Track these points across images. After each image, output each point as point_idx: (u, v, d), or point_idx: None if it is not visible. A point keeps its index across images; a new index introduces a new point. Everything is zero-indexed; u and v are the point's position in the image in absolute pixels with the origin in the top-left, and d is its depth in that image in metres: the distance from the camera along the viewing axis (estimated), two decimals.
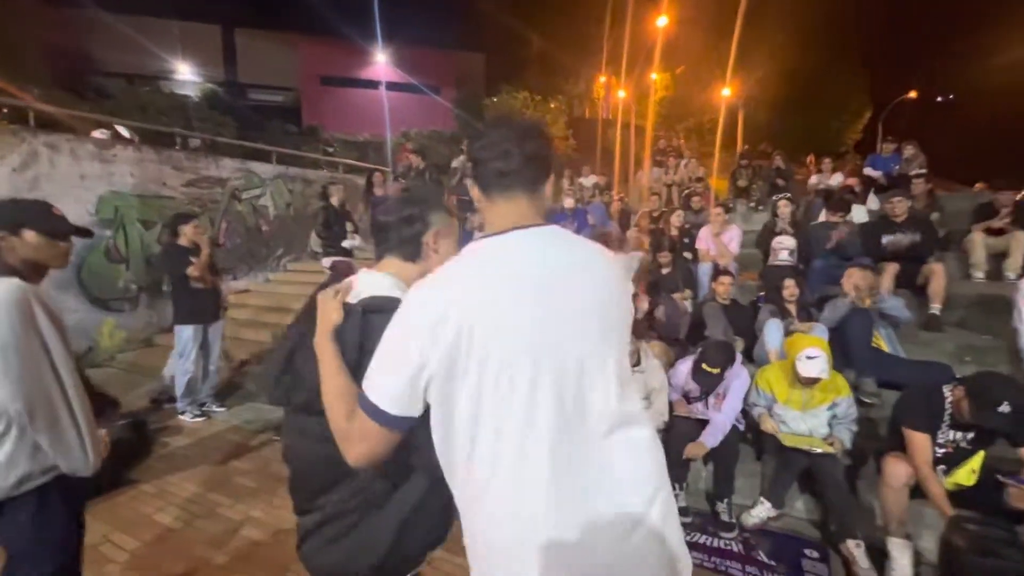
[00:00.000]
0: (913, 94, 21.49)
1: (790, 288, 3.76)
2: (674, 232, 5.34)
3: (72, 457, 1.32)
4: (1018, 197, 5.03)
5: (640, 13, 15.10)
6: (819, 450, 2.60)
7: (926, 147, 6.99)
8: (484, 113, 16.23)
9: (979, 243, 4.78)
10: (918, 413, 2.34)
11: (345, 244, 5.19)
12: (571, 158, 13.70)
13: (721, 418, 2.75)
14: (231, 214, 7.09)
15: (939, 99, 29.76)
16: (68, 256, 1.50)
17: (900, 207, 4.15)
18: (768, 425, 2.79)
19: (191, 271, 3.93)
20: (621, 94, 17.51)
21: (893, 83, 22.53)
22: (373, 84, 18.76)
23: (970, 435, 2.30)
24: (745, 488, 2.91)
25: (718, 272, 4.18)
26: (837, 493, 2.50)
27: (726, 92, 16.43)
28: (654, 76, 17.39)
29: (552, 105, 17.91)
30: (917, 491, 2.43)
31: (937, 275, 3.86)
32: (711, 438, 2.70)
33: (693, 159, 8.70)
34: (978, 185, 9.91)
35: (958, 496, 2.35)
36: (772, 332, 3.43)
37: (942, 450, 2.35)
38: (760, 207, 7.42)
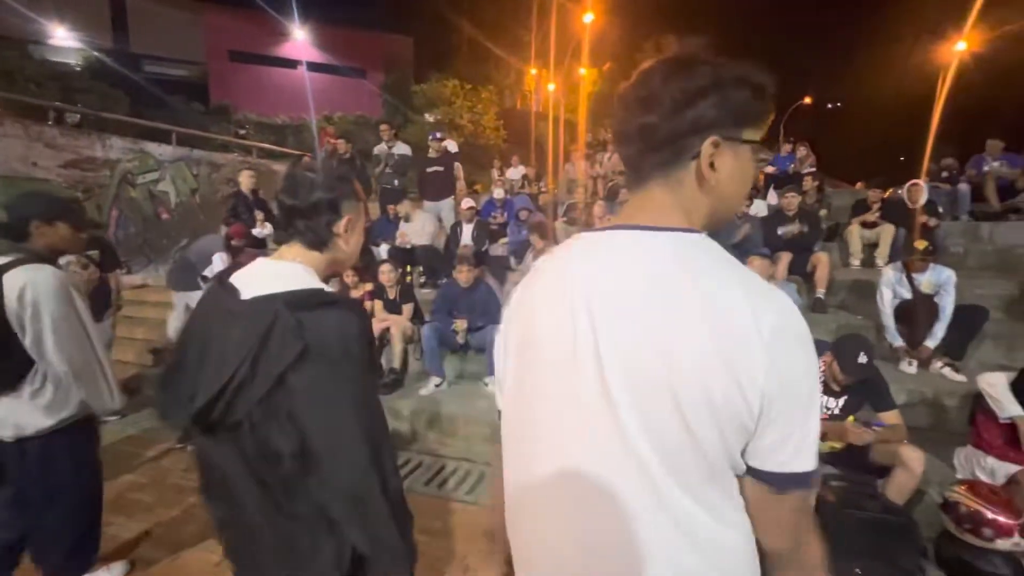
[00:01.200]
0: (808, 100, 23.85)
1: None
2: (596, 222, 5.54)
3: (104, 400, 1.80)
4: (885, 195, 5.77)
5: (565, 8, 15.36)
6: None
7: (818, 148, 7.81)
8: (413, 99, 15.77)
9: (856, 234, 5.43)
10: None
11: (256, 233, 4.82)
12: (502, 149, 13.73)
13: None
14: (123, 200, 6.34)
15: (830, 106, 33.34)
16: (84, 244, 1.97)
17: (792, 202, 4.61)
18: None
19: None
20: (551, 87, 17.80)
21: (792, 89, 24.84)
22: (291, 63, 17.54)
23: (841, 401, 2.62)
24: None
25: None
26: None
27: None
28: (582, 71, 17.85)
29: (483, 95, 17.80)
30: None
31: (822, 263, 4.34)
32: None
33: (616, 153, 9.05)
34: (859, 184, 11.25)
35: (830, 458, 2.68)
36: None
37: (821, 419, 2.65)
38: None
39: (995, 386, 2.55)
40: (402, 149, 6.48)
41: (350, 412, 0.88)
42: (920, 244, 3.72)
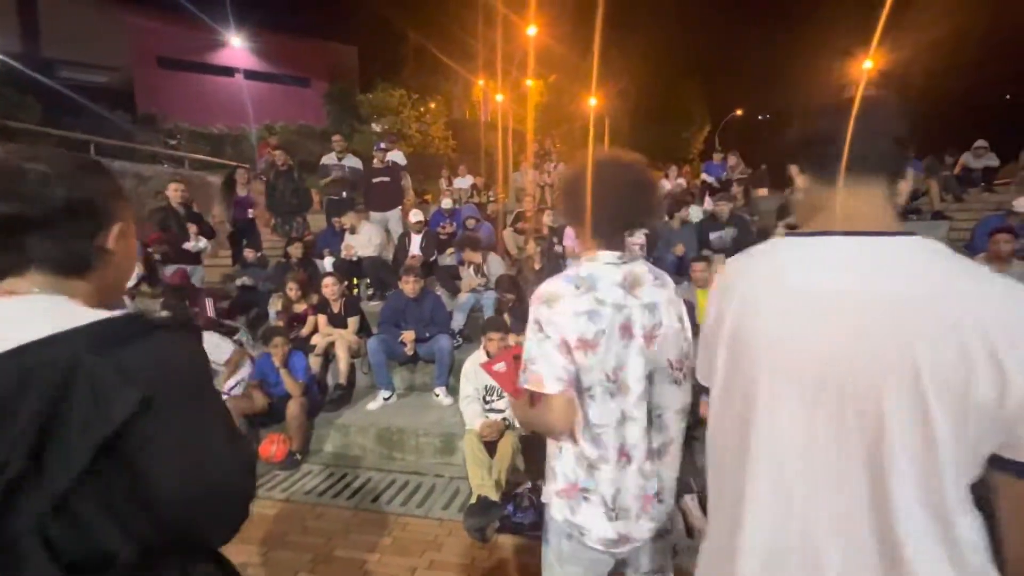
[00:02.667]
0: (739, 112, 25.49)
1: None
2: (545, 230, 5.65)
3: None
4: None
5: (510, 21, 15.70)
6: None
7: (750, 157, 8.38)
8: (359, 108, 15.50)
9: (781, 236, 5.84)
10: None
11: (188, 247, 4.57)
12: (451, 159, 13.75)
13: None
14: None
15: (760, 117, 35.75)
16: None
17: (724, 209, 4.91)
18: None
19: None
20: (499, 98, 18.06)
21: (726, 102, 26.49)
22: (228, 71, 16.80)
23: None
24: None
25: None
26: None
27: (593, 102, 17.89)
28: (529, 83, 18.24)
29: (432, 105, 17.76)
30: None
31: None
32: None
33: (563, 162, 9.30)
34: (787, 190, 12.14)
35: None
36: None
37: None
38: None
39: None
40: (352, 162, 6.36)
41: (222, 461, 0.65)
42: None
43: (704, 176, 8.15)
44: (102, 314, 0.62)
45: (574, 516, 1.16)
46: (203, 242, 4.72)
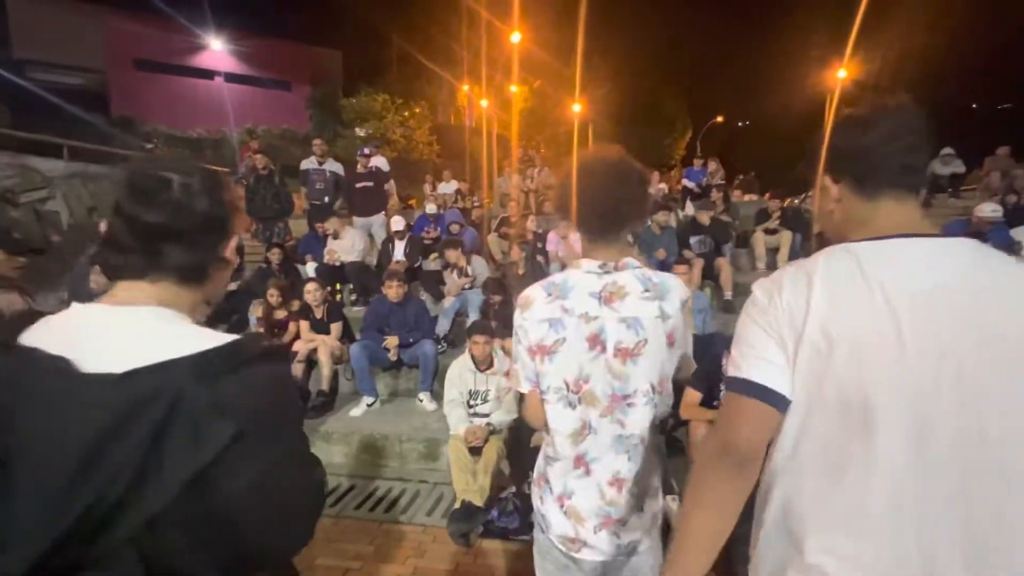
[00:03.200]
0: (720, 119, 26.00)
1: None
2: (529, 236, 5.69)
3: None
4: (784, 204, 6.42)
5: (494, 26, 15.80)
6: None
7: (731, 163, 8.57)
8: (342, 113, 15.41)
9: (760, 240, 5.98)
10: (697, 375, 2.92)
11: None
12: (436, 164, 13.75)
13: None
14: (2, 220, 5.65)
15: (740, 124, 36.54)
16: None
17: (704, 216, 5.01)
18: None
19: None
20: (484, 103, 18.14)
21: (707, 109, 27.02)
22: (208, 74, 16.56)
23: None
24: None
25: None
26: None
27: (577, 107, 18.08)
28: (514, 88, 18.36)
29: (416, 110, 17.76)
30: None
31: (724, 269, 4.77)
32: None
33: (547, 168, 9.37)
34: (766, 195, 12.44)
35: None
36: None
37: None
38: None
39: None
40: (334, 167, 6.32)
41: (299, 486, 0.69)
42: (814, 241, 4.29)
43: (685, 181, 8.30)
44: (206, 339, 0.62)
45: (542, 505, 1.18)
46: None
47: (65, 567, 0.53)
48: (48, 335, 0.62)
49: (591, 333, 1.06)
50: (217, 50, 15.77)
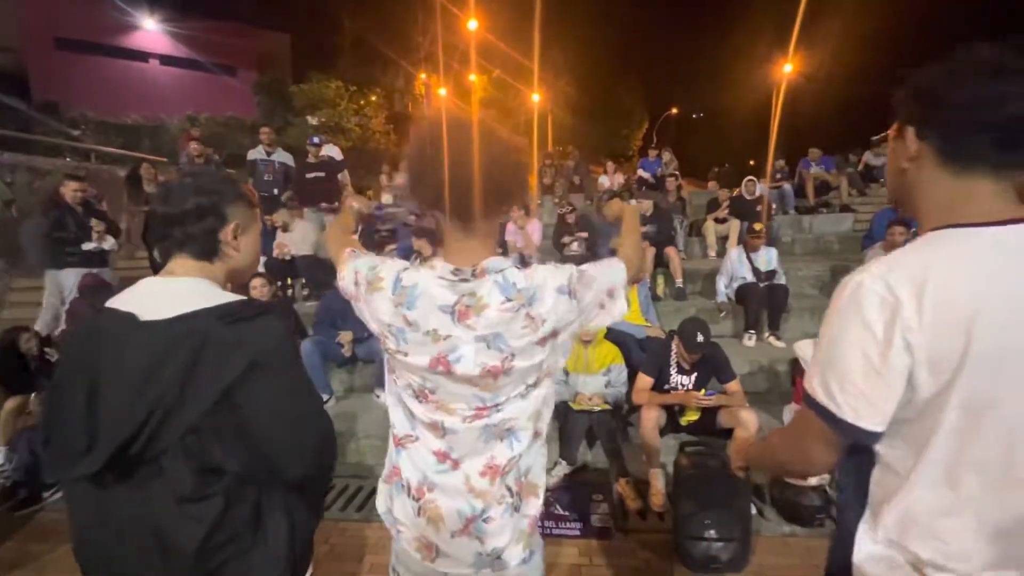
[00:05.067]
0: (675, 110, 26.67)
1: None
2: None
3: None
4: (733, 193, 6.66)
5: (450, 14, 15.51)
6: (598, 409, 3.06)
7: (686, 153, 8.79)
8: (292, 100, 14.73)
9: (711, 229, 6.19)
10: (648, 362, 3.03)
11: (88, 247, 4.15)
12: (392, 154, 13.41)
13: None
14: None
15: (694, 116, 37.60)
16: None
17: (646, 205, 5.16)
18: (582, 401, 3.14)
19: None
20: (442, 92, 17.78)
21: (662, 100, 27.66)
22: (141, 56, 15.41)
23: (692, 378, 2.98)
24: (549, 453, 3.27)
25: (524, 263, 4.60)
26: (611, 442, 2.98)
27: (536, 97, 18.05)
28: (472, 77, 18.11)
29: (372, 98, 17.20)
30: (666, 430, 3.07)
31: (672, 258, 4.93)
32: None
33: None
34: (709, 184, 12.89)
35: (689, 428, 3.05)
36: None
37: (674, 392, 3.00)
38: (563, 201, 8.36)
39: (806, 350, 3.09)
40: (283, 156, 6.04)
41: (304, 412, 0.91)
42: (757, 226, 4.54)
43: (640, 172, 8.47)
44: (228, 297, 0.88)
45: (392, 506, 0.99)
46: (109, 242, 4.30)
47: (136, 458, 0.80)
48: (124, 298, 0.89)
49: (438, 353, 0.88)
50: (151, 30, 14.69)
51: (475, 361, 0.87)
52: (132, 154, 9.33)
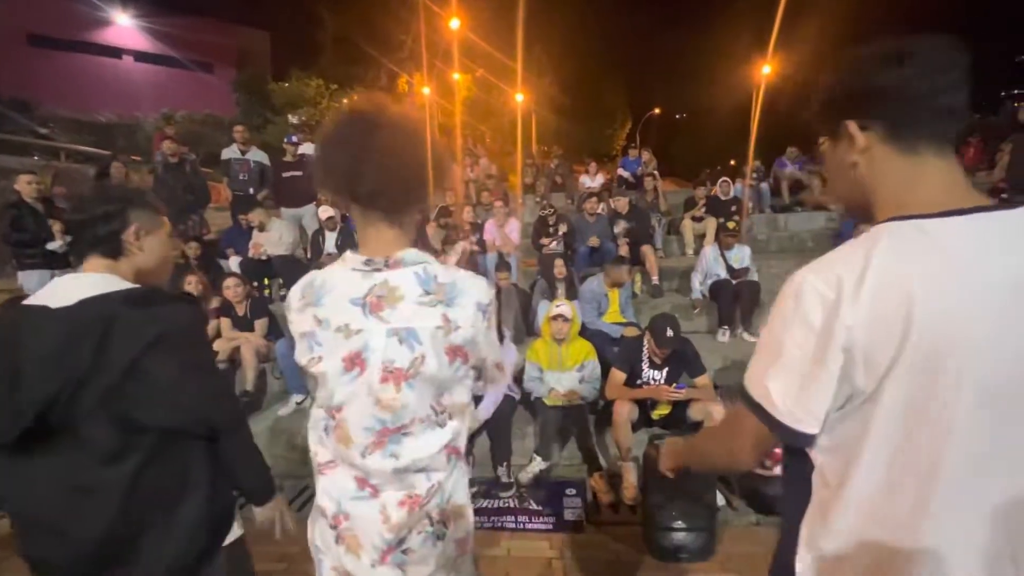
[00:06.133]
0: (657, 111, 26.95)
1: (559, 268, 4.43)
2: (466, 226, 5.66)
3: None
4: (710, 192, 6.77)
5: (433, 12, 15.43)
6: (572, 404, 3.10)
7: (669, 153, 8.91)
8: (272, 98, 14.53)
9: (688, 227, 6.29)
10: (620, 357, 3.08)
11: (53, 247, 4.04)
12: None
13: (493, 392, 3.04)
14: None
15: (677, 116, 38.06)
16: None
17: (621, 203, 5.22)
18: (556, 398, 3.18)
19: None
20: (426, 91, 17.70)
21: (645, 101, 27.91)
22: (115, 52, 15.05)
23: (664, 372, 3.03)
24: (523, 449, 3.29)
25: (502, 261, 4.64)
26: (584, 438, 3.02)
27: (520, 97, 18.08)
28: (456, 76, 18.05)
29: (354, 97, 17.04)
30: (639, 425, 3.12)
31: (648, 255, 5.00)
32: (484, 411, 2.97)
33: (485, 158, 9.34)
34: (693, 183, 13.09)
35: (661, 421, 3.10)
36: (542, 309, 3.94)
37: (646, 387, 3.05)
38: (544, 200, 8.40)
39: None
40: (258, 155, 5.95)
41: (214, 377, 1.12)
42: (731, 225, 4.64)
43: (620, 171, 8.56)
44: (135, 286, 1.01)
45: (313, 532, 0.96)
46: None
47: (57, 426, 0.91)
48: (39, 294, 0.99)
49: (350, 351, 0.84)
50: (125, 26, 14.36)
51: (382, 356, 0.83)
52: (104, 152, 9.11)
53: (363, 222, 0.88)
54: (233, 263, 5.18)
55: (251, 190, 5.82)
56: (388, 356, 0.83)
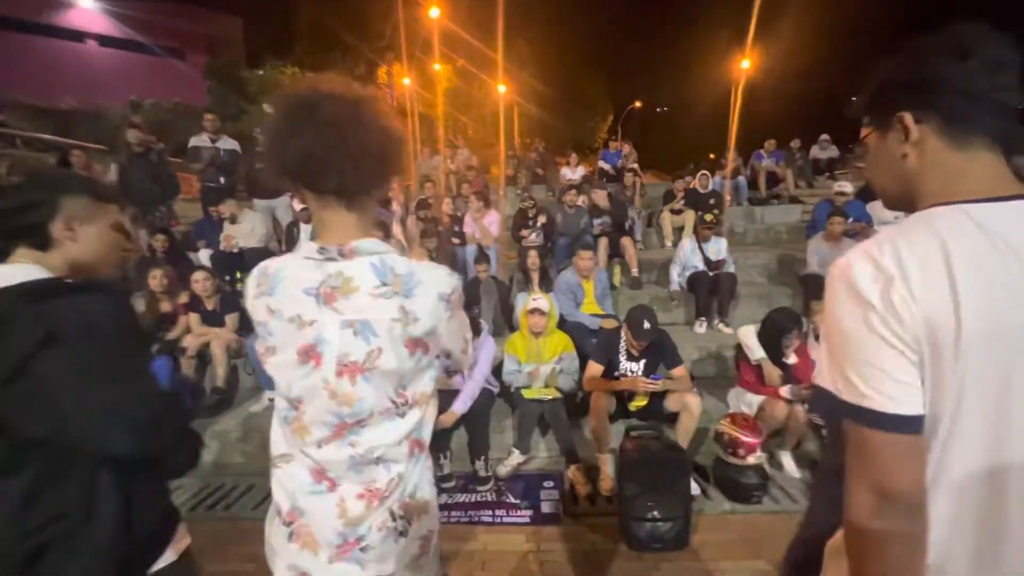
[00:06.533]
0: (639, 104, 27.08)
1: (532, 259, 4.39)
2: (445, 218, 5.59)
3: None
4: (689, 185, 6.82)
5: (412, 1, 15.14)
6: (549, 397, 3.09)
7: (650, 146, 8.95)
8: (246, 86, 14.10)
9: (667, 220, 6.33)
10: (598, 349, 3.08)
11: None
12: None
13: (470, 386, 3.01)
14: None
15: (658, 110, 38.32)
16: None
17: (600, 196, 5.21)
18: (533, 391, 3.16)
19: None
20: (406, 81, 17.40)
21: (627, 93, 28.00)
22: (77, 35, 14.38)
23: (641, 364, 3.04)
24: (502, 443, 3.27)
25: (482, 254, 4.58)
26: (562, 430, 3.02)
27: (502, 88, 17.95)
28: (437, 67, 17.80)
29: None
30: (616, 416, 3.13)
31: (627, 248, 5.01)
32: (461, 405, 2.94)
33: (466, 149, 9.24)
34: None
35: (638, 413, 3.12)
36: (519, 302, 3.92)
37: (623, 378, 3.05)
38: (524, 192, 8.35)
39: (747, 336, 3.20)
40: (228, 144, 5.75)
41: (117, 389, 0.89)
42: (708, 216, 4.66)
43: (601, 163, 8.56)
44: (40, 276, 0.91)
45: (269, 529, 0.92)
46: None
47: None
48: None
49: (304, 344, 0.82)
50: (87, 8, 13.69)
51: (338, 349, 0.81)
52: (65, 141, 8.72)
53: (318, 209, 0.85)
54: (203, 256, 5.02)
55: (221, 180, 5.63)
56: (343, 349, 0.80)
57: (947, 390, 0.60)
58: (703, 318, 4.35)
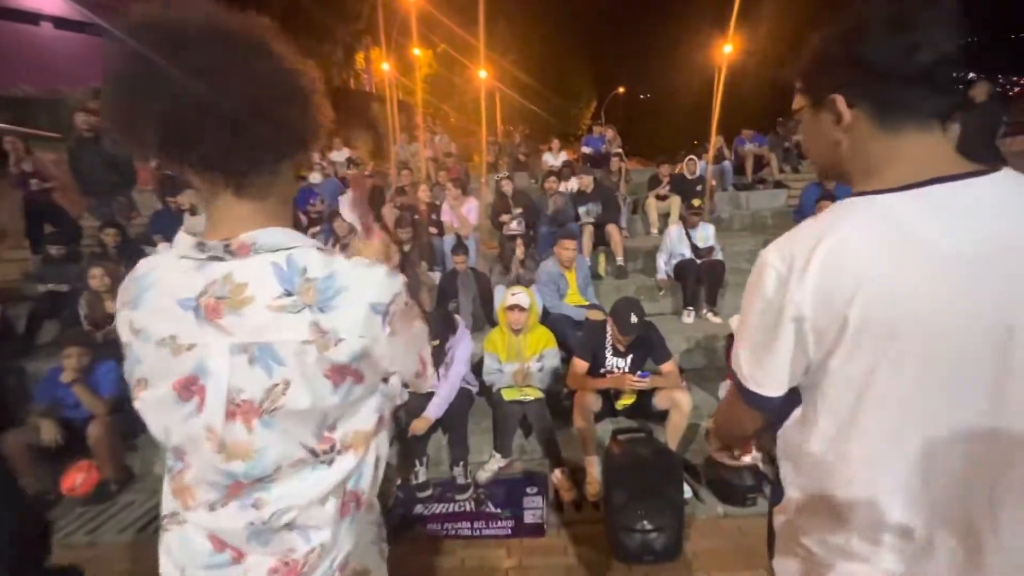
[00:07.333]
0: (622, 90, 26.85)
1: (519, 250, 4.19)
2: (422, 206, 5.32)
3: None
4: (675, 170, 6.63)
5: None
6: (531, 397, 2.89)
7: (634, 132, 8.72)
8: None
9: (652, 206, 6.15)
10: (583, 345, 2.88)
11: None
12: (331, 131, 12.60)
13: (445, 388, 2.79)
14: None
15: (642, 96, 38.14)
16: None
17: (586, 182, 4.99)
18: (514, 391, 2.96)
19: None
20: (385, 67, 16.89)
21: (611, 80, 27.67)
22: (31, 17, 13.54)
23: (628, 360, 2.85)
24: (482, 445, 3.08)
25: (460, 243, 4.33)
26: (544, 432, 2.83)
27: (483, 74, 17.54)
28: (417, 52, 17.30)
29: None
30: (603, 415, 2.95)
31: (613, 235, 4.80)
32: (435, 409, 2.73)
33: (444, 135, 8.93)
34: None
35: (626, 412, 2.95)
36: (499, 295, 3.70)
37: (610, 375, 2.87)
38: (503, 175, 8.08)
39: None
40: None
41: None
42: (695, 202, 4.48)
43: (584, 148, 8.34)
44: None
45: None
46: None
47: None
48: None
49: (182, 376, 0.59)
50: None
51: (227, 384, 0.58)
52: (22, 130, 8.20)
53: (206, 193, 0.62)
54: (162, 251, 4.69)
55: None
56: (234, 383, 0.58)
57: (839, 375, 0.63)
58: (691, 307, 4.19)
